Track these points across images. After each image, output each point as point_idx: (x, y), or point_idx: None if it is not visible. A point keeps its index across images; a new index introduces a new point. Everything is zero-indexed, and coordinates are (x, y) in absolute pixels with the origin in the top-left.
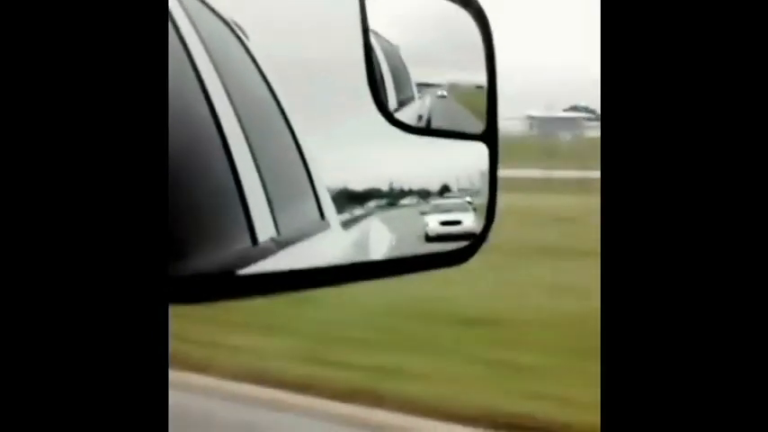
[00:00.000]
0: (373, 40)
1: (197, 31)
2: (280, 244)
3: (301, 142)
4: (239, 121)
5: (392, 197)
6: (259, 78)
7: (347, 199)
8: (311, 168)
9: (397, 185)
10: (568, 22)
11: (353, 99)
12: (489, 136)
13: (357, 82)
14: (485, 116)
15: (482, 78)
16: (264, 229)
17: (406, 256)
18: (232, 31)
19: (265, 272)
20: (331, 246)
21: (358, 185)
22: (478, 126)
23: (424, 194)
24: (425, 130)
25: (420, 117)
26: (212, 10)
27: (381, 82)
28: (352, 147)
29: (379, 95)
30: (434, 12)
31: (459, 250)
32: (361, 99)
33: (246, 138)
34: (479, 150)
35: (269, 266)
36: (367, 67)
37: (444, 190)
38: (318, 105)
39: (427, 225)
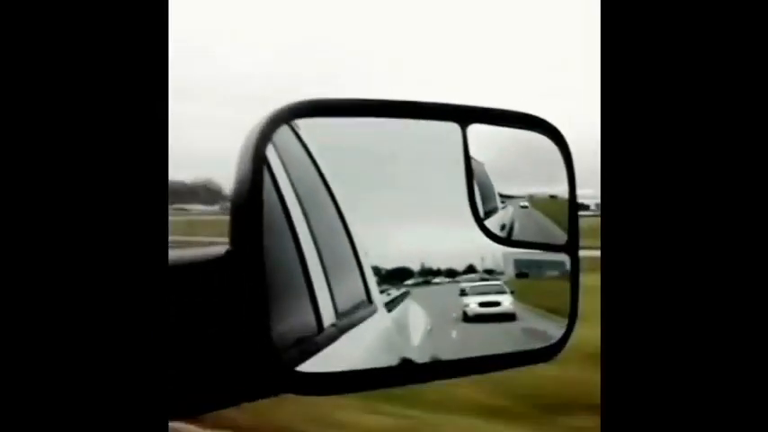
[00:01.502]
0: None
1: (279, 155)
2: (340, 329)
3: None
4: (307, 220)
5: (421, 276)
6: (318, 179)
7: (380, 278)
8: (359, 253)
9: (426, 265)
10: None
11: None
12: (572, 247)
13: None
14: (556, 221)
15: (553, 189)
16: (327, 316)
17: (495, 354)
18: (303, 144)
19: (337, 371)
20: (380, 328)
21: (389, 264)
22: (554, 227)
23: (451, 274)
24: (514, 241)
25: (503, 226)
26: (293, 130)
27: (474, 198)
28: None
29: (475, 209)
30: (516, 134)
31: (545, 348)
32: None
33: (311, 231)
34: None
35: (333, 356)
36: (467, 186)
37: (469, 270)
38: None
39: (467, 306)
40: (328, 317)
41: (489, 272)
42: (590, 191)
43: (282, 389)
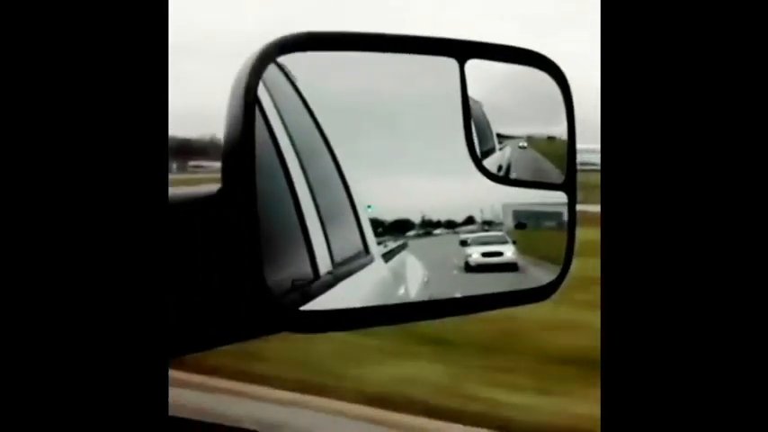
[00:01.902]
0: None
1: (273, 98)
2: (336, 277)
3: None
4: (303, 169)
5: (422, 228)
6: (312, 125)
7: (380, 229)
8: (356, 204)
9: (426, 217)
10: None
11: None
12: (569, 185)
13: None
14: (557, 163)
15: (552, 130)
16: (323, 264)
17: (490, 293)
18: (296, 89)
19: (334, 309)
20: (377, 278)
21: (389, 216)
22: (554, 170)
23: (450, 225)
24: (511, 180)
25: (500, 167)
26: (285, 73)
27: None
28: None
29: (473, 148)
30: (514, 71)
31: (541, 287)
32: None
33: (308, 181)
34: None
35: (329, 300)
36: (464, 124)
37: (469, 221)
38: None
39: (469, 256)
40: (324, 264)
41: (488, 223)
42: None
43: (278, 327)
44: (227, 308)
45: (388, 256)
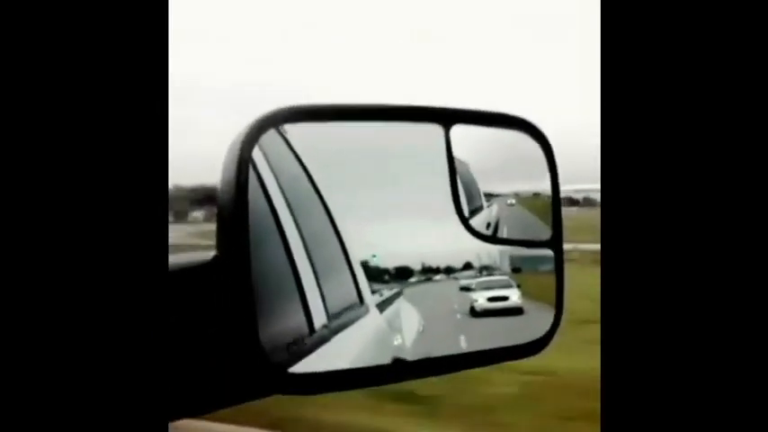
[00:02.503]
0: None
1: (267, 157)
2: (332, 330)
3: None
4: (296, 223)
5: (422, 275)
6: (307, 182)
7: (386, 276)
8: (350, 254)
9: (425, 264)
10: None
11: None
12: (556, 242)
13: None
14: (543, 218)
15: (537, 186)
16: (318, 318)
17: (481, 349)
18: (291, 149)
19: (327, 371)
20: (373, 329)
21: (385, 263)
22: (541, 224)
23: (449, 271)
24: (498, 239)
25: (488, 224)
26: (282, 135)
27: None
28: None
29: (460, 208)
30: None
31: (534, 341)
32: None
33: (302, 236)
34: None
35: (324, 357)
36: (451, 185)
37: (467, 267)
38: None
39: (475, 301)
40: (319, 319)
41: (486, 268)
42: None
43: (273, 390)
44: (223, 372)
45: (383, 306)
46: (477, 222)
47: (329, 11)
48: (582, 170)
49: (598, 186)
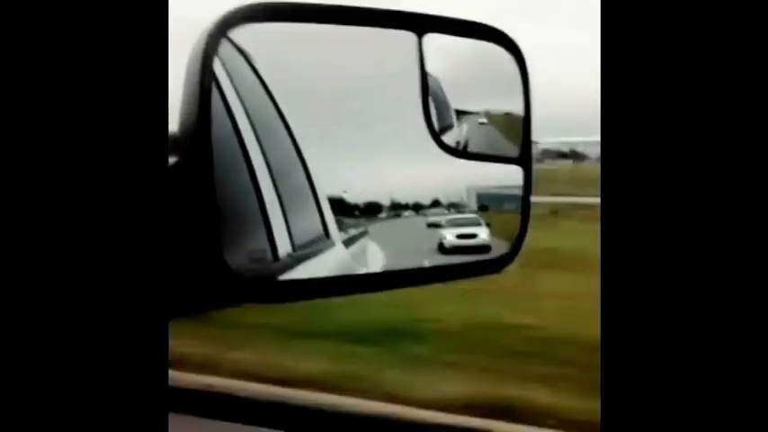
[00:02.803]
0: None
1: (231, 79)
2: (296, 259)
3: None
4: (263, 151)
5: (391, 211)
6: (271, 105)
7: (345, 210)
8: (317, 188)
9: (394, 200)
10: None
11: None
12: (524, 159)
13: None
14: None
15: (510, 106)
16: (283, 246)
17: (449, 264)
18: (251, 65)
19: (300, 279)
20: (337, 262)
21: (355, 199)
22: (510, 145)
23: (417, 208)
24: (469, 153)
25: (458, 143)
26: (245, 56)
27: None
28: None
29: (431, 123)
30: (471, 46)
31: (497, 259)
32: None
33: (267, 162)
34: (465, 168)
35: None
36: (423, 99)
37: (435, 204)
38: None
39: (444, 238)
40: (284, 247)
41: (454, 205)
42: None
43: (237, 298)
44: (186, 280)
45: (349, 243)
46: (447, 140)
47: None
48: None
49: (585, 139)
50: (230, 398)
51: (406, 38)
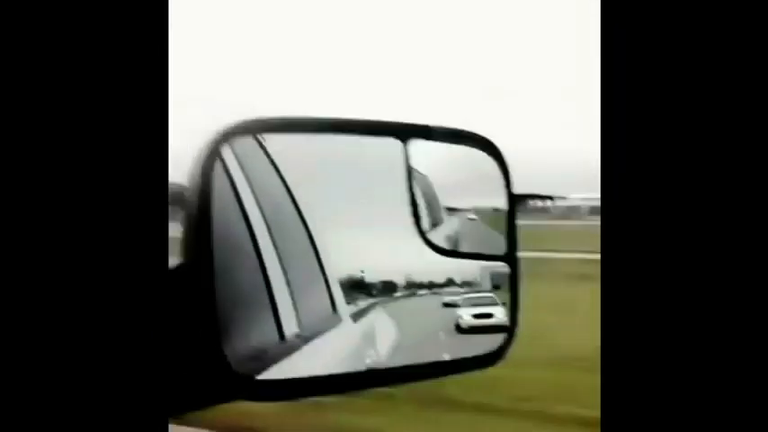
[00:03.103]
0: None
1: (243, 169)
2: (303, 339)
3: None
4: (270, 234)
5: (407, 290)
6: (285, 194)
7: (362, 289)
8: (325, 265)
9: (407, 279)
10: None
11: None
12: (511, 256)
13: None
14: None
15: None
16: (289, 327)
17: (439, 360)
18: (269, 159)
19: (291, 378)
20: (345, 341)
21: (372, 279)
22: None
23: (431, 287)
24: (456, 252)
25: (449, 238)
26: (260, 144)
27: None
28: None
29: (419, 223)
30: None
31: (487, 354)
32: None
33: (274, 243)
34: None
35: (294, 365)
36: (410, 201)
37: (449, 283)
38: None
39: (460, 317)
40: (290, 327)
41: (467, 284)
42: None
43: (239, 396)
44: (186, 378)
45: (357, 316)
46: (438, 235)
47: None
48: None
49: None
50: None
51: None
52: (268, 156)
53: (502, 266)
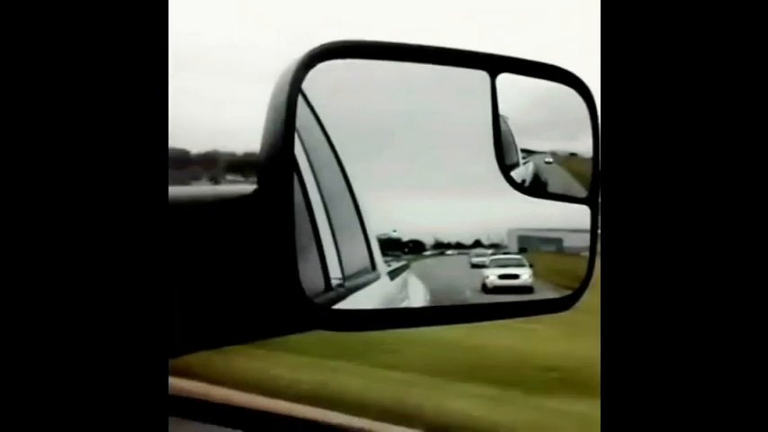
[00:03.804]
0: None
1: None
2: (347, 290)
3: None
4: (317, 182)
5: (435, 249)
6: (326, 143)
7: (393, 247)
8: (366, 222)
9: (437, 239)
10: None
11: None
12: (592, 200)
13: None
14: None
15: (575, 146)
16: (335, 275)
17: (510, 301)
18: (311, 108)
19: (356, 309)
20: (384, 293)
21: (403, 238)
22: (576, 184)
23: (459, 247)
24: (538, 191)
25: (524, 181)
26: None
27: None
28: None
29: (502, 157)
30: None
31: (561, 299)
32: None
33: (322, 196)
34: (508, 209)
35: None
36: (494, 137)
37: (476, 244)
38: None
39: (487, 277)
40: (335, 276)
41: (494, 245)
42: None
43: (310, 325)
44: (259, 304)
45: (392, 275)
46: (518, 176)
47: None
48: None
49: None
50: None
51: (480, 76)
52: (310, 106)
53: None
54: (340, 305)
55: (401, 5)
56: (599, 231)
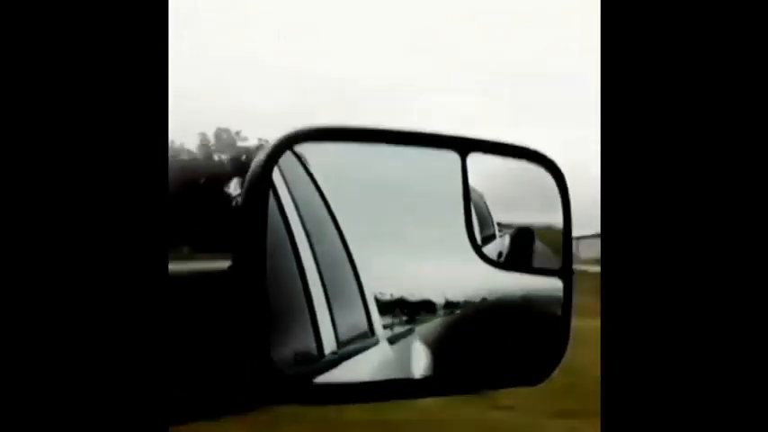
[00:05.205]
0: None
1: (286, 182)
2: (341, 357)
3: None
4: (312, 248)
5: (445, 309)
6: (324, 209)
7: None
8: (364, 286)
9: (446, 298)
10: None
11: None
12: (565, 272)
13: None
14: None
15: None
16: (328, 343)
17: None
18: (309, 174)
19: (340, 382)
20: (381, 360)
21: (411, 299)
22: (552, 255)
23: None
24: (510, 265)
25: (500, 254)
26: (299, 159)
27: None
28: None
29: (472, 235)
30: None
31: (536, 370)
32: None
33: (316, 260)
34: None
35: (333, 376)
36: (465, 213)
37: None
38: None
39: None
40: (329, 344)
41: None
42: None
43: (280, 398)
44: (232, 379)
45: (394, 340)
46: (489, 251)
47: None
48: None
49: None
50: None
51: (451, 157)
52: (307, 170)
53: (527, 290)
54: (327, 375)
55: (401, 5)
56: (572, 303)
